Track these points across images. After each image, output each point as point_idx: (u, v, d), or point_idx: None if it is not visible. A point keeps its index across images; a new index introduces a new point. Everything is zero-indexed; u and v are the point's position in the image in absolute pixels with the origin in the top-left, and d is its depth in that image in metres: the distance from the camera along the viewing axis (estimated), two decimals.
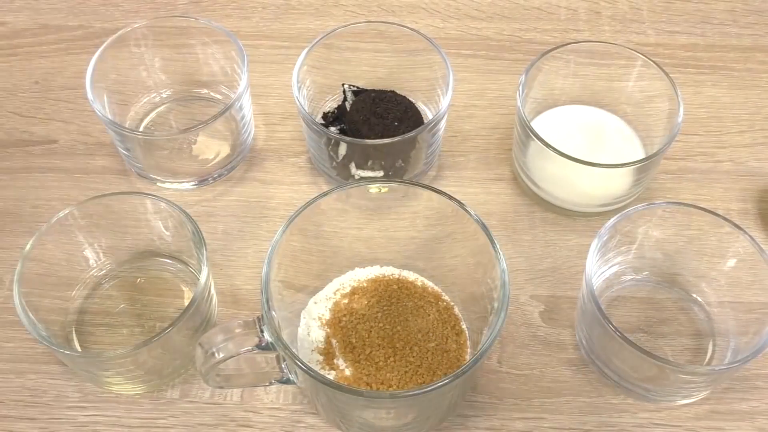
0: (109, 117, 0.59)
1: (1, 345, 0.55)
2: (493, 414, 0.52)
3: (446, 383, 0.41)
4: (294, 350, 0.43)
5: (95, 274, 0.57)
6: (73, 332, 0.55)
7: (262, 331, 0.42)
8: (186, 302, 0.54)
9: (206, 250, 0.50)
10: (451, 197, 0.48)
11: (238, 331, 0.42)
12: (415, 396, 0.42)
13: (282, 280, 0.48)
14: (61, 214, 0.52)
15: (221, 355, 0.42)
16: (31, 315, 0.49)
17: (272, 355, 0.45)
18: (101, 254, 0.57)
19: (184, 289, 0.57)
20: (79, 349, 0.54)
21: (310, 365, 0.42)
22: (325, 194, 0.49)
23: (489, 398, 0.52)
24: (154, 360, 0.50)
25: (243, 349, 0.42)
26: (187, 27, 0.64)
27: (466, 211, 0.48)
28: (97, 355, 0.50)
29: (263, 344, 0.43)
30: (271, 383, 0.47)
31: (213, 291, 0.54)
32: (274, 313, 0.43)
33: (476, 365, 0.42)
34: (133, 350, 0.47)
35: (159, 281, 0.57)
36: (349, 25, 0.62)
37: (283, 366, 0.46)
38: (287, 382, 0.47)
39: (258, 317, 0.43)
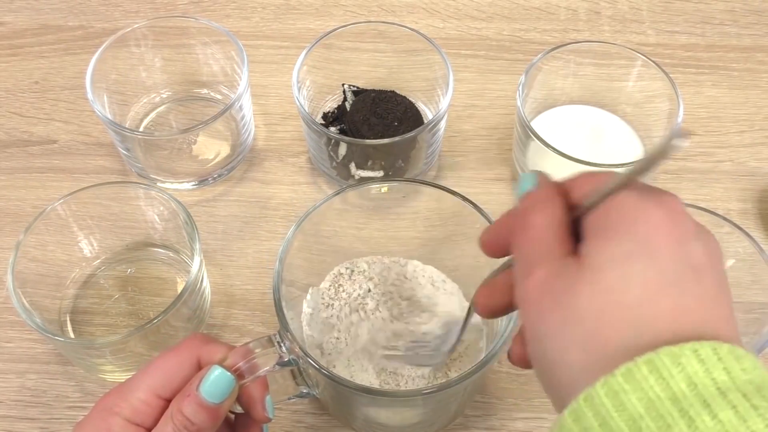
0: (109, 117, 0.59)
1: (2, 345, 0.55)
2: (493, 414, 0.52)
3: (457, 383, 0.41)
4: (323, 362, 0.42)
5: (90, 264, 0.57)
6: (68, 321, 0.55)
7: (281, 347, 0.42)
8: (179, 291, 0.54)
9: (199, 238, 0.51)
10: (463, 197, 0.48)
11: (258, 350, 0.41)
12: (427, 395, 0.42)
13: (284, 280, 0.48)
14: (55, 204, 0.52)
15: (244, 378, 0.41)
16: (25, 302, 0.49)
17: (287, 370, 0.44)
18: (95, 244, 0.57)
19: (177, 279, 0.57)
20: (73, 336, 0.54)
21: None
22: (337, 193, 0.49)
23: (489, 398, 0.52)
24: (147, 348, 0.50)
25: (264, 369, 0.41)
26: (187, 27, 0.64)
27: (477, 209, 0.47)
28: (91, 342, 0.51)
29: (284, 360, 0.42)
30: (289, 399, 0.47)
31: (206, 281, 0.54)
32: (291, 331, 0.42)
33: (486, 367, 0.42)
34: (125, 337, 0.47)
35: (153, 271, 0.58)
36: (349, 25, 0.62)
37: (300, 379, 0.45)
38: (305, 395, 0.47)
39: (276, 333, 0.42)
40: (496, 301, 0.35)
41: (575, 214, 0.31)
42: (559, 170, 0.57)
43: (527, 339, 0.30)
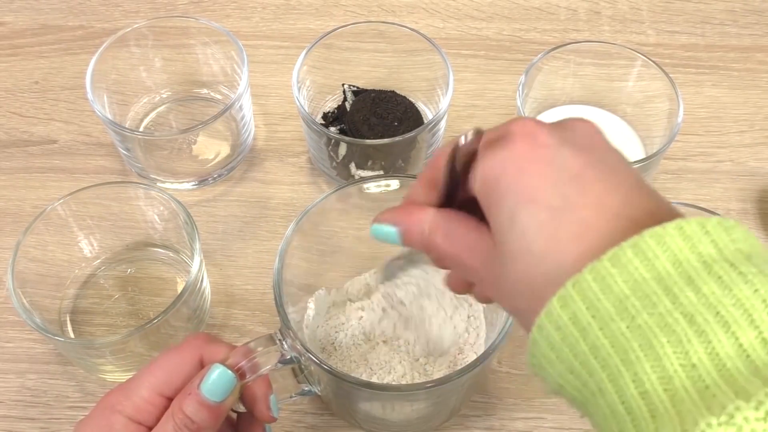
0: (109, 117, 0.59)
1: (2, 345, 0.55)
2: (493, 414, 0.52)
3: (458, 376, 0.41)
4: (325, 359, 0.42)
5: (90, 264, 0.57)
6: (68, 321, 0.55)
7: (282, 345, 0.42)
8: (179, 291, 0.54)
9: (199, 238, 0.51)
10: None
11: (259, 349, 0.41)
12: (430, 389, 0.42)
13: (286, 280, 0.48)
14: (55, 204, 0.52)
15: (246, 377, 0.40)
16: (25, 302, 0.49)
17: (288, 369, 0.44)
18: (95, 244, 0.57)
19: (177, 279, 0.57)
20: (73, 336, 0.54)
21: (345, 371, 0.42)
22: (336, 190, 0.49)
23: (489, 398, 0.52)
24: (147, 348, 0.50)
25: (266, 368, 0.41)
26: (187, 27, 0.64)
27: None
28: (91, 342, 0.51)
29: (286, 358, 0.42)
30: (291, 397, 0.47)
31: (206, 281, 0.54)
32: (292, 328, 0.42)
33: (484, 363, 0.42)
34: (125, 337, 0.47)
35: (153, 271, 0.58)
36: (349, 25, 0.62)
37: (301, 377, 0.45)
38: (306, 393, 0.47)
39: (276, 331, 0.42)
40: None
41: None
42: None
43: None
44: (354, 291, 0.53)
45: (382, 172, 0.60)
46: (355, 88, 0.64)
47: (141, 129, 0.66)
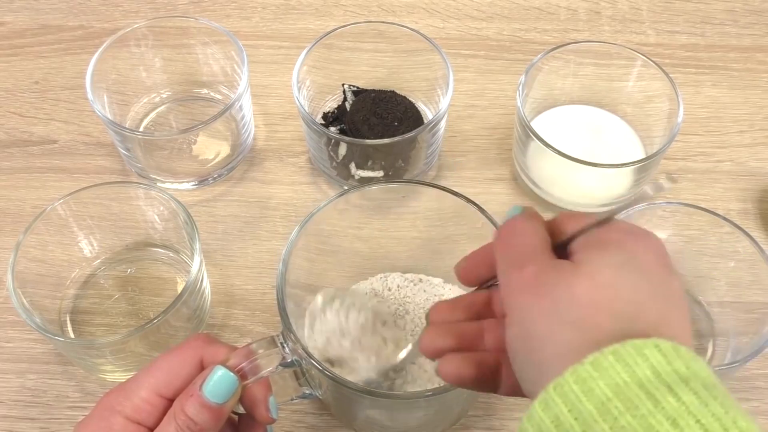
0: (109, 117, 0.59)
1: (1, 345, 0.55)
2: (493, 414, 0.52)
3: (453, 388, 0.41)
4: (326, 365, 0.42)
5: (90, 264, 0.57)
6: (68, 321, 0.55)
7: (284, 348, 0.42)
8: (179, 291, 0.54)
9: (199, 238, 0.51)
10: (467, 198, 0.48)
11: (261, 351, 0.41)
12: (429, 398, 0.42)
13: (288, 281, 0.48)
14: (55, 204, 0.52)
15: (247, 379, 0.40)
16: (25, 302, 0.49)
17: (290, 371, 0.44)
18: (95, 244, 0.57)
19: (177, 279, 0.57)
20: (73, 336, 0.54)
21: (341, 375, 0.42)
22: (341, 195, 0.49)
23: (489, 398, 0.52)
24: (147, 348, 0.50)
25: (267, 370, 0.41)
26: (187, 27, 0.64)
27: (481, 210, 0.47)
28: (91, 342, 0.51)
29: (288, 361, 0.42)
30: (292, 400, 0.47)
31: (206, 281, 0.54)
32: (294, 332, 0.42)
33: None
34: (125, 337, 0.47)
35: (153, 271, 0.58)
36: (349, 25, 0.62)
37: (302, 380, 0.45)
38: (307, 397, 0.47)
39: (278, 334, 0.42)
40: (478, 270, 0.37)
41: (555, 242, 0.33)
42: (559, 170, 0.57)
43: (508, 324, 0.32)
44: (359, 295, 0.53)
45: (382, 173, 0.60)
46: (355, 88, 0.64)
47: (141, 129, 0.66)
